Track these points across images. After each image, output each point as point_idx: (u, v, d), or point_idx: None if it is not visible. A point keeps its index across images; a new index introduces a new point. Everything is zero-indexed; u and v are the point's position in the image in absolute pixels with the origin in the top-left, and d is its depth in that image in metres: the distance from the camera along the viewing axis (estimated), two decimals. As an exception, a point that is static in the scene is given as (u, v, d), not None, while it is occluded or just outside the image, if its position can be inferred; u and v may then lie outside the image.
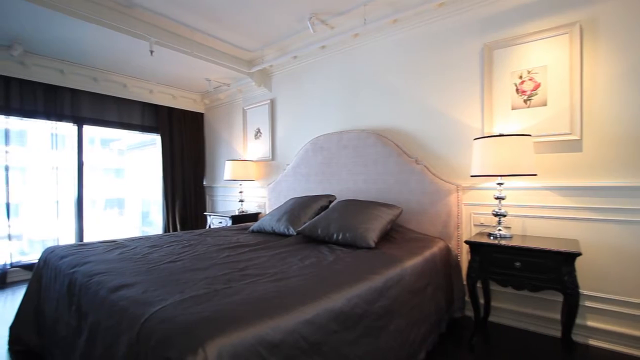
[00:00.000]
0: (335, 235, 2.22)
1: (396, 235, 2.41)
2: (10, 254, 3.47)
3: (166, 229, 4.58)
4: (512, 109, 2.28)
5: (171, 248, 2.16)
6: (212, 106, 4.94)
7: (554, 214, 2.14)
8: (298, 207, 2.76)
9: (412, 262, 1.89)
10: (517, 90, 2.26)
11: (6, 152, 3.46)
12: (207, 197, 5.03)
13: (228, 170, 3.93)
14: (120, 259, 1.85)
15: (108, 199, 5.67)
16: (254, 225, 2.88)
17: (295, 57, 3.53)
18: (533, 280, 1.83)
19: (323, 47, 3.30)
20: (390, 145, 2.75)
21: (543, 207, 2.17)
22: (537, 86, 2.19)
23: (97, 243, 2.34)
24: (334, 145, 3.13)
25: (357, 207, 2.41)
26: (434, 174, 2.54)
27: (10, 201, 3.46)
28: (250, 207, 4.18)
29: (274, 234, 2.70)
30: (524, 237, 2.12)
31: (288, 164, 3.61)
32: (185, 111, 4.82)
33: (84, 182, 3.99)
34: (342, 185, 3.04)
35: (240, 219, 3.77)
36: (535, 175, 2.01)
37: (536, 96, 2.19)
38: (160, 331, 1.01)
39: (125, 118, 4.32)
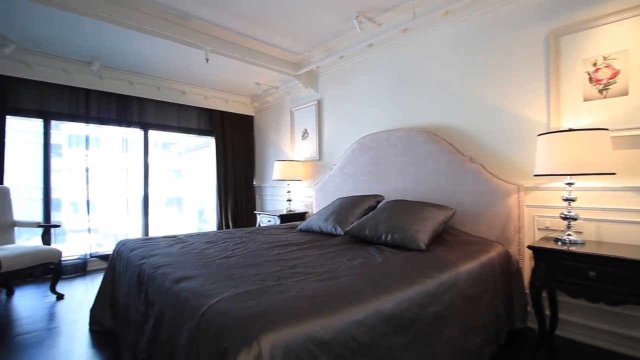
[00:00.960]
0: (383, 236, 2.18)
1: (449, 237, 2.30)
2: (90, 246, 3.92)
3: (220, 226, 4.85)
4: (584, 100, 2.05)
5: (225, 244, 2.29)
6: (261, 109, 5.13)
7: (635, 218, 1.88)
8: (345, 207, 2.76)
9: (468, 267, 1.78)
10: (590, 79, 2.03)
11: (86, 155, 3.92)
12: (257, 196, 5.23)
13: (276, 170, 4.05)
14: (181, 253, 1.99)
15: (168, 197, 6.17)
16: (302, 225, 2.93)
17: (341, 57, 3.53)
18: (611, 292, 1.62)
19: (370, 45, 3.26)
20: (442, 143, 2.63)
21: (622, 210, 1.92)
22: (616, 73, 1.94)
23: (160, 238, 2.55)
24: (381, 144, 3.08)
25: (406, 208, 2.34)
26: (491, 174, 2.37)
27: (89, 199, 3.92)
28: (297, 207, 4.27)
29: (321, 233, 2.72)
30: (599, 243, 1.89)
31: (335, 164, 3.62)
32: (236, 114, 5.06)
33: (149, 182, 4.39)
34: (390, 185, 2.97)
35: (288, 217, 3.86)
36: (613, 174, 1.78)
37: (614, 85, 1.95)
38: (218, 323, 1.07)
39: (184, 122, 4.67)
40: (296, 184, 4.28)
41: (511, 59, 2.37)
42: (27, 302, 2.94)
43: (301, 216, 3.99)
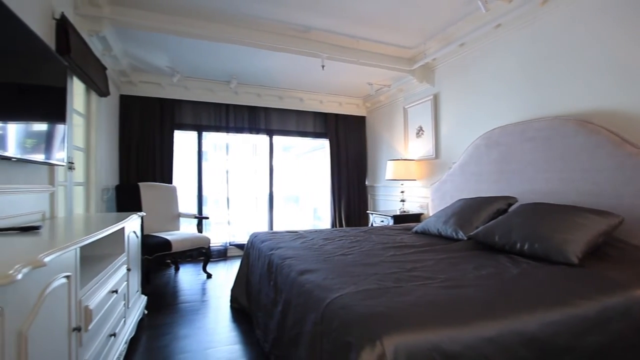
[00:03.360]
0: (518, 245, 1.88)
1: (613, 252, 1.82)
2: (229, 235, 4.64)
3: (333, 224, 5.07)
4: None
5: (341, 242, 2.36)
6: (373, 109, 5.13)
7: None
8: (468, 210, 2.49)
9: (647, 292, 1.37)
10: None
11: (226, 159, 4.67)
12: (369, 196, 5.26)
13: (389, 170, 3.97)
14: (302, 247, 2.16)
15: (287, 196, 6.79)
16: (418, 226, 2.79)
17: (462, 44, 3.21)
18: None
19: (497, 26, 2.86)
20: (601, 133, 2.10)
21: None
22: None
23: (284, 232, 2.82)
24: (514, 138, 2.67)
25: (550, 212, 1.96)
26: (684, 170, 1.77)
27: (228, 196, 4.64)
28: (411, 207, 4.09)
29: (439, 236, 2.53)
30: None
31: (454, 162, 3.33)
32: (349, 116, 5.21)
33: (273, 182, 4.92)
34: (527, 185, 2.55)
35: (402, 218, 3.74)
36: None
37: None
38: (341, 316, 1.10)
39: (302, 127, 5.06)
40: (410, 183, 4.11)
41: None
42: (187, 277, 3.68)
43: (416, 217, 3.82)
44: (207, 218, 4.16)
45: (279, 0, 2.69)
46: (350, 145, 5.20)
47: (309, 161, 6.66)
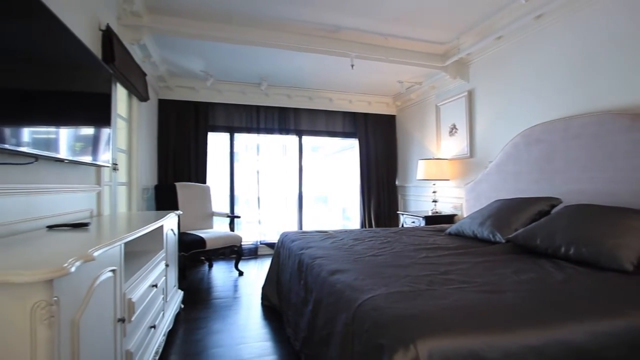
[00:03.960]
0: (563, 249, 1.76)
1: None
2: (260, 234, 4.74)
3: (363, 224, 5.03)
4: None
5: (371, 243, 2.33)
6: (404, 107, 5.02)
7: None
8: (507, 211, 2.37)
9: None
10: None
11: (257, 160, 4.77)
12: (399, 196, 5.16)
13: (420, 169, 3.88)
14: (332, 247, 2.15)
15: (316, 195, 6.82)
16: (452, 228, 2.69)
17: (499, 37, 3.06)
18: None
19: (538, 16, 2.70)
20: (660, 128, 1.92)
21: None
22: None
23: (314, 232, 2.83)
24: (557, 135, 2.50)
25: (599, 215, 1.82)
26: None
27: (259, 196, 4.74)
28: (444, 208, 3.97)
29: (475, 238, 2.43)
30: None
31: (490, 161, 3.18)
32: (378, 115, 5.14)
33: (303, 181, 4.96)
34: (572, 185, 2.38)
35: (434, 219, 3.63)
36: None
37: None
38: (373, 318, 1.08)
39: (331, 127, 5.06)
40: (443, 183, 3.98)
41: None
42: (220, 274, 3.81)
43: (449, 219, 3.69)
44: (238, 217, 4.27)
45: (308, 1, 2.71)
46: (380, 144, 5.13)
47: (337, 161, 6.65)
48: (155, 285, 1.84)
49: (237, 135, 4.76)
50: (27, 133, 1.32)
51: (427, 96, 4.41)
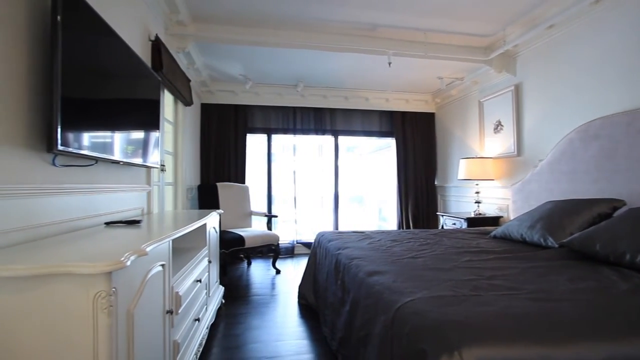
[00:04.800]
0: (628, 256, 1.59)
1: None
2: (296, 233, 4.80)
3: (400, 225, 4.91)
4: None
5: (410, 244, 2.27)
6: (444, 104, 4.84)
7: None
8: (560, 213, 2.19)
9: None
10: None
11: (293, 160, 4.84)
12: (439, 197, 4.97)
13: (462, 169, 3.71)
14: (370, 248, 2.13)
15: (352, 196, 6.77)
16: (497, 230, 2.55)
17: (550, 26, 2.84)
18: None
19: (596, 1, 2.47)
20: None
21: None
22: None
23: (350, 232, 2.82)
24: (618, 130, 2.27)
25: (673, 219, 1.62)
26: None
27: (295, 195, 4.81)
28: (488, 210, 3.76)
29: (523, 242, 2.28)
30: None
31: (541, 160, 2.96)
32: (416, 113, 4.99)
33: (339, 181, 4.96)
34: (636, 186, 2.15)
35: (477, 221, 3.46)
36: None
37: None
38: (413, 322, 1.05)
39: (367, 126, 5.01)
40: (486, 183, 3.78)
41: None
42: (258, 271, 3.91)
43: (494, 221, 3.49)
44: (276, 216, 4.36)
45: (343, 1, 2.69)
46: (418, 143, 4.98)
47: (373, 161, 6.56)
48: (199, 280, 1.93)
49: (274, 137, 4.86)
50: (88, 138, 1.44)
51: (469, 92, 4.21)
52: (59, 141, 1.18)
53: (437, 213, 4.18)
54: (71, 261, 0.85)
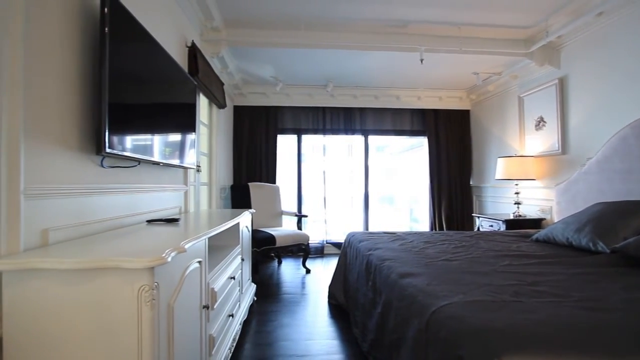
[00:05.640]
0: (694, 264, 1.43)
1: None
2: (326, 233, 4.81)
3: (432, 226, 4.77)
4: None
5: (444, 246, 2.20)
6: (479, 100, 4.64)
7: None
8: (612, 216, 2.02)
9: None
10: None
11: (323, 160, 4.85)
12: (474, 198, 4.77)
13: (500, 168, 3.53)
14: (402, 249, 2.08)
15: (382, 196, 6.67)
16: (540, 233, 2.40)
17: (599, 14, 2.63)
18: None
19: (655, -17, 2.25)
20: None
21: None
22: None
23: (381, 233, 2.77)
24: (682, 125, 2.06)
25: None
26: None
27: (325, 195, 4.82)
28: (528, 211, 3.55)
29: (569, 247, 2.12)
30: None
31: (589, 158, 2.75)
32: (450, 111, 4.83)
33: (369, 182, 4.90)
34: None
35: (517, 224, 3.27)
36: None
37: None
38: (449, 327, 1.02)
39: (398, 125, 4.91)
40: (527, 183, 3.57)
41: None
42: (288, 270, 3.96)
43: (535, 223, 3.29)
44: (306, 216, 4.40)
45: (375, -1, 2.66)
46: (452, 142, 4.81)
47: (404, 161, 6.42)
48: (233, 278, 1.99)
49: (304, 137, 4.90)
50: (131, 140, 1.53)
51: (507, 87, 4.00)
52: (107, 144, 1.26)
53: (473, 214, 4.01)
54: (118, 256, 0.91)
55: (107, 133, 1.26)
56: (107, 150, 1.27)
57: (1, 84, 0.95)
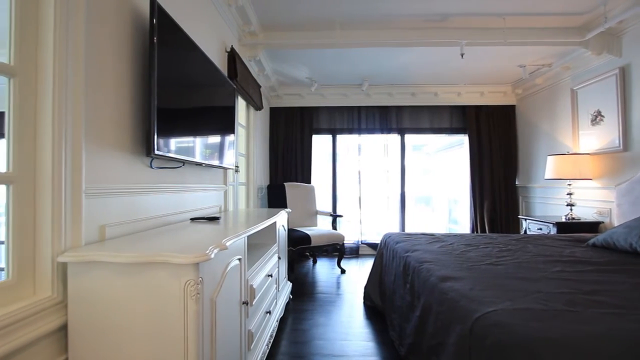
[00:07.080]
0: None
1: None
2: (361, 234, 4.77)
3: (473, 228, 4.55)
4: None
5: (487, 250, 2.08)
6: (526, 95, 4.35)
7: None
8: (686, 220, 1.80)
9: None
10: None
11: (358, 160, 4.81)
12: (520, 199, 4.48)
13: (550, 167, 3.28)
14: (441, 251, 2.01)
15: (418, 196, 6.48)
16: (597, 238, 2.20)
17: (670, -6, 2.36)
18: None
19: None
20: None
21: None
22: None
23: (419, 234, 2.69)
24: None
25: None
26: None
27: (360, 195, 4.77)
28: (584, 214, 3.27)
29: (633, 253, 1.92)
30: None
31: (656, 155, 2.47)
32: (493, 107, 4.57)
33: (405, 181, 4.79)
34: None
35: (570, 227, 3.02)
36: None
37: None
38: (495, 335, 0.96)
39: (436, 123, 4.74)
40: (581, 183, 3.29)
41: None
42: (323, 270, 3.98)
43: (591, 226, 3.02)
44: (341, 216, 4.39)
45: (412, -7, 2.59)
46: (495, 139, 4.55)
47: (442, 160, 6.20)
48: (271, 275, 2.03)
49: (339, 137, 4.90)
50: (176, 143, 1.62)
51: (558, 79, 3.71)
52: (156, 146, 1.34)
53: (519, 217, 3.76)
54: (166, 251, 0.97)
55: (155, 136, 1.34)
56: (156, 152, 1.35)
57: (67, 97, 1.04)
